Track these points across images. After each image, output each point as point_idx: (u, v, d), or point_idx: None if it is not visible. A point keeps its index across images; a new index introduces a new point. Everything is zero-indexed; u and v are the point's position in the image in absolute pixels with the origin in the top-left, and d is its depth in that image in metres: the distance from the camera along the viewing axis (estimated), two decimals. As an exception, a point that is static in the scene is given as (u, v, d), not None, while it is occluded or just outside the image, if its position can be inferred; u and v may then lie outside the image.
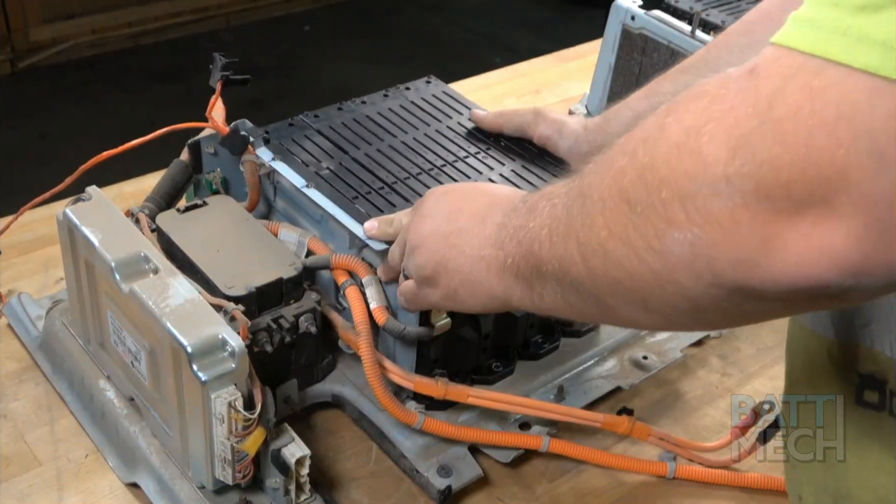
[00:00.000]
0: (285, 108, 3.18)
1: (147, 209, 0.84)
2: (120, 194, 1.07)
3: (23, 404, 0.83)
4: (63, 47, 3.30)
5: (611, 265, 0.49)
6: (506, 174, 0.89)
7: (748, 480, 0.81)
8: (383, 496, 0.77)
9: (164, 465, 0.75)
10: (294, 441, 0.71)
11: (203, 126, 0.90)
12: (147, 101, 3.08)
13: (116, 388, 0.80)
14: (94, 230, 0.74)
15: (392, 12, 3.91)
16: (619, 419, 0.82)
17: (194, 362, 0.65)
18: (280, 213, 0.88)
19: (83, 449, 0.80)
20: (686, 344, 0.93)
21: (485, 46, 3.66)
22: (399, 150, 0.91)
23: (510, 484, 0.79)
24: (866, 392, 0.55)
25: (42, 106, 3.05)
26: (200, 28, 3.57)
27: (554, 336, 0.89)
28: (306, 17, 3.78)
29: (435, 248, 0.66)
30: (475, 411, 0.81)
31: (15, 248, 0.99)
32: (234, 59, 0.87)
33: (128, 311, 0.72)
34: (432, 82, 1.02)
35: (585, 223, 0.50)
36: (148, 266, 0.72)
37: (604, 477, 0.81)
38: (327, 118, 0.94)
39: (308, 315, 0.77)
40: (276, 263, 0.78)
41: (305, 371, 0.81)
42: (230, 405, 0.66)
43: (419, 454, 0.78)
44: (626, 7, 1.15)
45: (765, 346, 0.96)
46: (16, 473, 0.77)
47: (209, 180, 0.90)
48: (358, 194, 0.84)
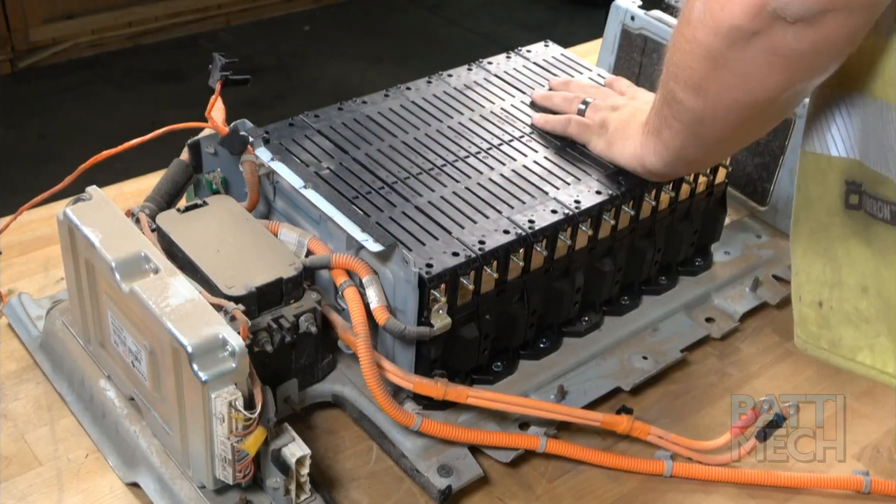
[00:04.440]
0: (285, 108, 3.20)
1: (147, 209, 0.84)
2: (120, 194, 1.07)
3: (23, 404, 0.83)
4: (63, 47, 3.30)
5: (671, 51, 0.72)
6: (506, 174, 0.89)
7: (747, 477, 0.81)
8: (383, 496, 0.77)
9: (164, 464, 0.75)
10: (294, 441, 0.71)
11: (203, 126, 0.90)
12: (147, 101, 3.08)
13: (117, 388, 0.80)
14: (95, 230, 0.74)
15: (392, 12, 3.91)
16: (618, 418, 0.82)
17: (194, 362, 0.65)
18: (279, 213, 0.88)
19: (83, 449, 0.80)
20: (686, 344, 0.93)
21: (485, 46, 3.66)
22: (399, 150, 0.91)
23: (510, 484, 0.79)
24: (850, 196, 0.69)
25: (42, 106, 3.05)
26: (200, 28, 3.58)
27: (555, 335, 0.89)
28: (306, 17, 3.78)
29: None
30: (475, 411, 0.81)
31: (15, 248, 0.99)
32: (234, 59, 0.87)
33: (128, 311, 0.72)
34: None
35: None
36: (148, 266, 0.72)
37: (604, 477, 0.81)
38: (327, 118, 0.94)
39: (308, 315, 0.77)
40: (276, 263, 0.78)
41: (305, 371, 0.81)
42: (230, 405, 0.66)
43: (419, 454, 0.78)
44: (626, 7, 1.16)
45: (765, 346, 0.96)
46: (16, 473, 0.77)
47: (209, 180, 0.91)
48: (358, 194, 0.84)
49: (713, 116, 0.73)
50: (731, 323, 0.96)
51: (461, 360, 0.82)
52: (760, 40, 0.62)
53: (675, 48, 0.71)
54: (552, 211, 0.84)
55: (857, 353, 0.72)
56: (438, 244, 0.79)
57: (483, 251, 0.78)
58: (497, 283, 0.81)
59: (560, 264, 0.86)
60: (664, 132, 0.80)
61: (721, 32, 0.63)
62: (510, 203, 0.85)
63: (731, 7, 0.62)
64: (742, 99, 0.69)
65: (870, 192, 0.68)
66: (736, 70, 0.66)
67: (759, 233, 1.08)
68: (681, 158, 0.82)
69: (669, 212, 0.94)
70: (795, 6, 0.58)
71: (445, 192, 0.86)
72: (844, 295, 0.72)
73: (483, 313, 0.81)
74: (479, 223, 0.82)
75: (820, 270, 0.74)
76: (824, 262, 0.73)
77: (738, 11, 0.61)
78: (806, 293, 0.75)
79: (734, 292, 1.00)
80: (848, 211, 0.70)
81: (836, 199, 0.71)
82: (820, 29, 0.60)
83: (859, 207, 0.69)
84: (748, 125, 0.76)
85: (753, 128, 0.79)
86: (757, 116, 0.73)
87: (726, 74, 0.67)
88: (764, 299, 0.99)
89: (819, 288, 0.74)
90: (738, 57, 0.64)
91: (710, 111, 0.72)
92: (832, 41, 0.61)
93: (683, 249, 0.98)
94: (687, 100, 0.72)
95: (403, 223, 0.81)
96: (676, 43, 0.70)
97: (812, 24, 0.59)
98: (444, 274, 0.76)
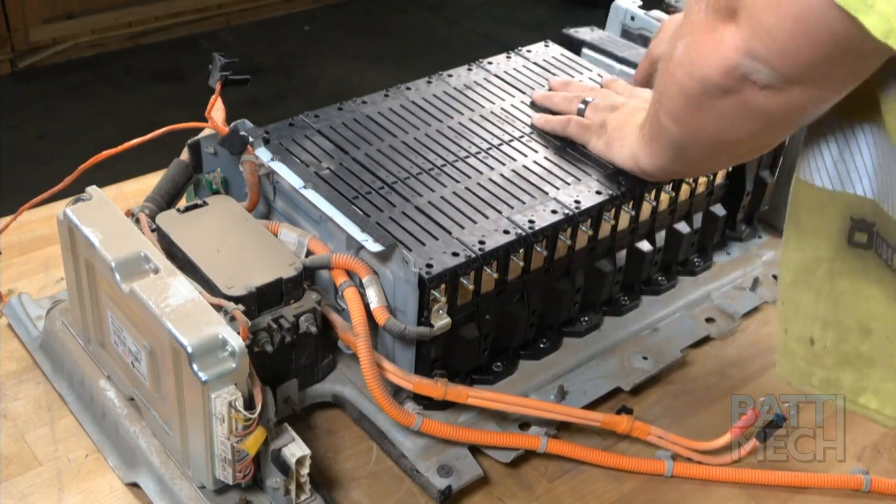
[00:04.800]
0: (285, 108, 3.19)
1: (147, 209, 0.84)
2: (120, 194, 1.07)
3: (23, 404, 0.83)
4: (63, 47, 3.30)
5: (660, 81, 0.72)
6: (506, 174, 0.89)
7: (747, 476, 0.81)
8: (383, 496, 0.77)
9: (164, 464, 0.75)
10: (294, 441, 0.71)
11: (203, 126, 0.90)
12: (147, 101, 3.08)
13: (117, 388, 0.80)
14: (95, 230, 0.74)
15: (392, 12, 3.91)
16: (618, 418, 0.82)
17: (194, 362, 0.65)
18: (279, 214, 0.88)
19: (83, 449, 0.80)
20: (686, 344, 0.93)
21: (485, 46, 3.65)
22: (399, 150, 0.91)
23: (510, 484, 0.79)
24: (856, 234, 0.67)
25: (42, 106, 3.05)
26: (200, 28, 3.58)
27: (555, 335, 0.89)
28: (306, 17, 3.78)
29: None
30: (475, 411, 0.81)
31: (15, 248, 0.99)
32: (234, 59, 0.87)
33: (128, 311, 0.72)
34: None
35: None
36: (148, 266, 0.72)
37: (604, 477, 0.81)
38: (327, 118, 0.94)
39: (308, 315, 0.77)
40: (276, 263, 0.78)
41: (305, 371, 0.81)
42: (230, 405, 0.66)
43: (419, 454, 0.78)
44: (626, 7, 1.16)
45: (765, 346, 0.96)
46: (16, 473, 0.77)
47: (209, 180, 0.91)
48: (358, 194, 0.84)
49: (693, 145, 0.74)
50: (731, 323, 0.97)
51: (461, 360, 0.82)
52: (733, 95, 0.62)
53: (661, 74, 0.71)
54: (552, 211, 0.84)
55: (859, 396, 0.70)
56: (438, 244, 0.79)
57: (483, 251, 0.78)
58: (497, 284, 0.81)
59: (560, 264, 0.86)
60: (654, 144, 0.81)
61: (696, 79, 0.64)
62: (510, 203, 0.85)
63: (706, 60, 0.62)
64: (717, 137, 0.70)
65: (882, 234, 0.65)
66: (711, 113, 0.66)
67: (759, 233, 1.08)
68: (668, 170, 0.83)
69: (669, 212, 0.94)
70: (763, 74, 0.59)
71: (445, 192, 0.86)
72: (842, 335, 0.70)
73: (483, 313, 0.81)
74: (479, 223, 0.82)
75: (811, 305, 0.71)
76: (817, 298, 0.70)
77: (713, 65, 0.61)
78: (794, 327, 0.72)
79: (734, 292, 1.00)
80: (852, 249, 0.67)
81: (836, 235, 0.68)
82: (789, 96, 0.60)
83: (869, 247, 0.66)
84: (730, 154, 0.77)
85: (737, 155, 0.80)
86: (736, 151, 0.74)
87: (701, 115, 0.67)
88: (764, 299, 0.99)
89: (809, 324, 0.71)
90: (712, 104, 0.65)
91: (690, 140, 0.73)
92: (802, 107, 0.62)
93: (683, 249, 0.98)
94: (668, 125, 0.73)
95: (403, 223, 0.81)
96: (662, 71, 0.70)
97: (781, 92, 0.60)
98: (444, 274, 0.76)
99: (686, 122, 0.70)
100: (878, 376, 0.69)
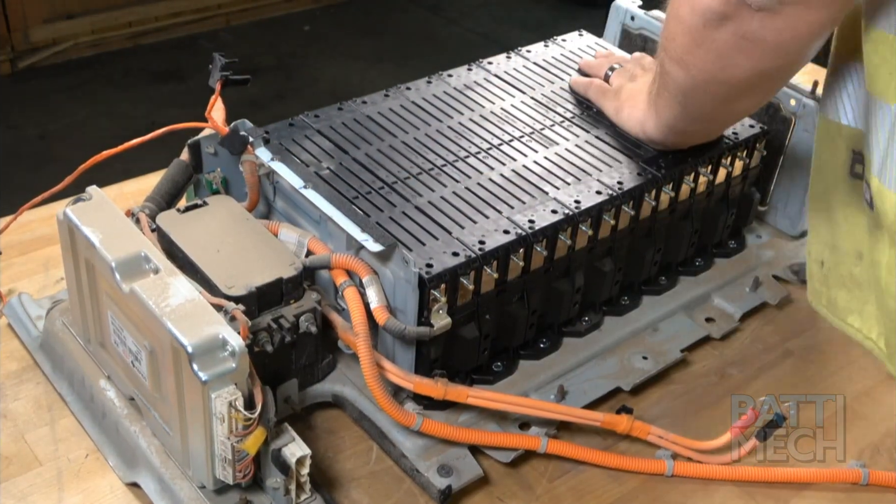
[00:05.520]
0: (285, 108, 3.20)
1: (147, 209, 0.84)
2: (120, 194, 1.07)
3: (23, 404, 0.83)
4: (63, 47, 3.30)
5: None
6: (506, 174, 0.89)
7: (747, 475, 0.81)
8: (383, 496, 0.77)
9: (164, 464, 0.75)
10: (294, 441, 0.71)
11: (203, 126, 0.90)
12: (147, 101, 3.08)
13: (117, 388, 0.80)
14: (95, 230, 0.74)
15: (392, 12, 3.91)
16: (618, 418, 0.82)
17: (195, 362, 0.65)
18: (279, 213, 0.88)
19: (83, 449, 0.80)
20: (686, 344, 0.93)
21: (485, 46, 3.66)
22: (399, 150, 0.91)
23: (510, 484, 0.79)
24: (855, 165, 0.74)
25: (41, 106, 3.05)
26: (200, 28, 3.58)
27: (555, 335, 0.89)
28: (306, 17, 3.78)
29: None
30: (475, 411, 0.81)
31: (15, 248, 0.99)
32: (234, 59, 0.87)
33: (128, 311, 0.72)
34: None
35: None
36: (148, 266, 0.72)
37: (604, 476, 0.81)
38: (327, 118, 0.94)
39: (308, 315, 0.77)
40: (276, 263, 0.78)
41: (306, 371, 0.81)
42: (230, 405, 0.66)
43: (419, 454, 0.78)
44: (626, 7, 1.16)
45: (765, 346, 0.96)
46: (16, 473, 0.77)
47: (209, 180, 0.91)
48: (358, 194, 0.84)
49: (695, 88, 0.78)
50: (731, 323, 0.96)
51: (461, 360, 0.82)
52: (730, 24, 0.67)
53: (666, 20, 0.76)
54: (552, 211, 0.84)
55: (847, 315, 0.78)
56: (438, 244, 0.79)
57: (483, 251, 0.78)
58: (497, 283, 0.81)
59: (560, 264, 0.86)
60: (658, 101, 0.86)
61: (697, 11, 0.69)
62: (510, 203, 0.85)
63: None
64: (718, 76, 0.74)
65: (867, 166, 0.70)
66: (711, 49, 0.71)
67: (759, 233, 1.08)
68: (672, 129, 0.87)
69: (669, 212, 0.94)
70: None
71: (445, 192, 0.86)
72: (840, 258, 0.77)
73: (483, 313, 0.81)
74: (479, 223, 0.82)
75: (824, 231, 0.79)
76: (827, 225, 0.78)
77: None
78: (813, 251, 0.81)
79: (734, 292, 1.00)
80: (852, 179, 0.74)
81: (841, 166, 0.74)
82: (782, 19, 0.64)
83: (862, 177, 0.72)
84: (730, 103, 0.80)
85: (737, 106, 0.83)
86: (736, 95, 0.78)
87: (703, 52, 0.72)
88: (764, 299, 0.99)
89: (822, 248, 0.79)
90: (711, 37, 0.70)
91: (692, 83, 0.77)
92: (795, 32, 0.66)
93: (683, 249, 0.98)
94: (672, 71, 0.77)
95: (403, 223, 0.81)
96: (668, 15, 0.75)
97: (774, 14, 0.64)
98: (444, 274, 0.76)
99: (689, 62, 0.74)
100: (863, 297, 0.76)
